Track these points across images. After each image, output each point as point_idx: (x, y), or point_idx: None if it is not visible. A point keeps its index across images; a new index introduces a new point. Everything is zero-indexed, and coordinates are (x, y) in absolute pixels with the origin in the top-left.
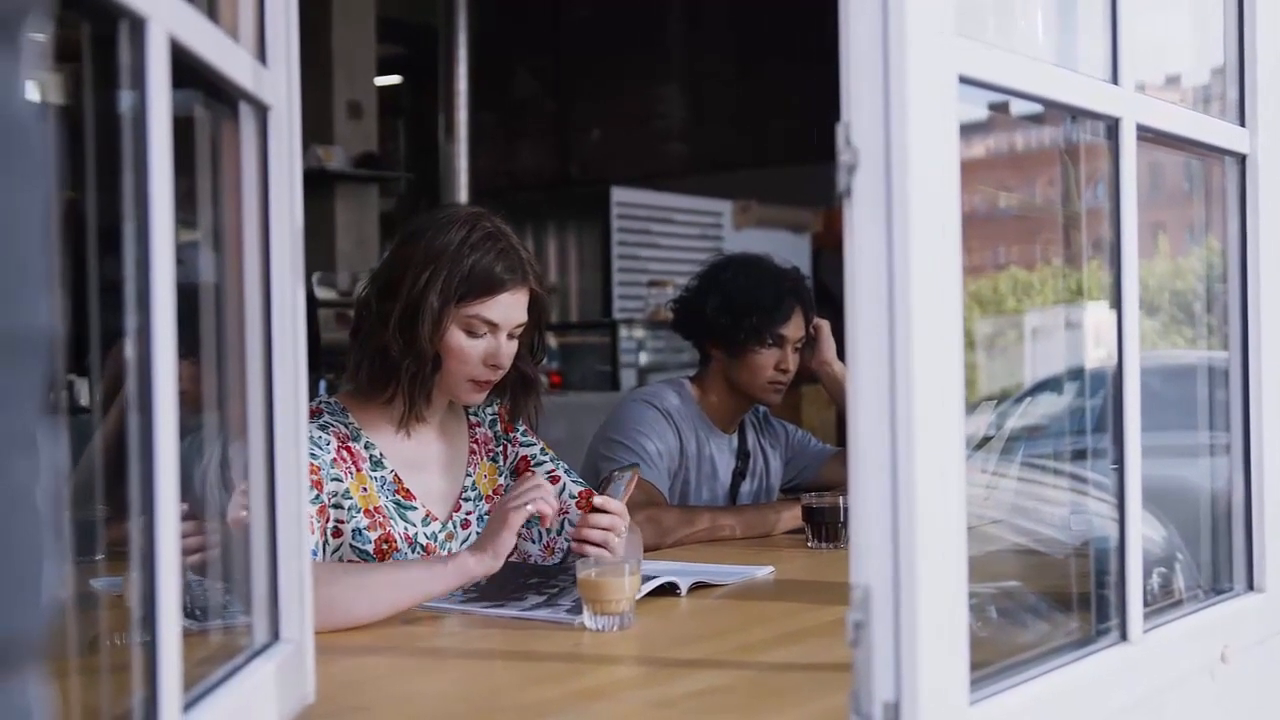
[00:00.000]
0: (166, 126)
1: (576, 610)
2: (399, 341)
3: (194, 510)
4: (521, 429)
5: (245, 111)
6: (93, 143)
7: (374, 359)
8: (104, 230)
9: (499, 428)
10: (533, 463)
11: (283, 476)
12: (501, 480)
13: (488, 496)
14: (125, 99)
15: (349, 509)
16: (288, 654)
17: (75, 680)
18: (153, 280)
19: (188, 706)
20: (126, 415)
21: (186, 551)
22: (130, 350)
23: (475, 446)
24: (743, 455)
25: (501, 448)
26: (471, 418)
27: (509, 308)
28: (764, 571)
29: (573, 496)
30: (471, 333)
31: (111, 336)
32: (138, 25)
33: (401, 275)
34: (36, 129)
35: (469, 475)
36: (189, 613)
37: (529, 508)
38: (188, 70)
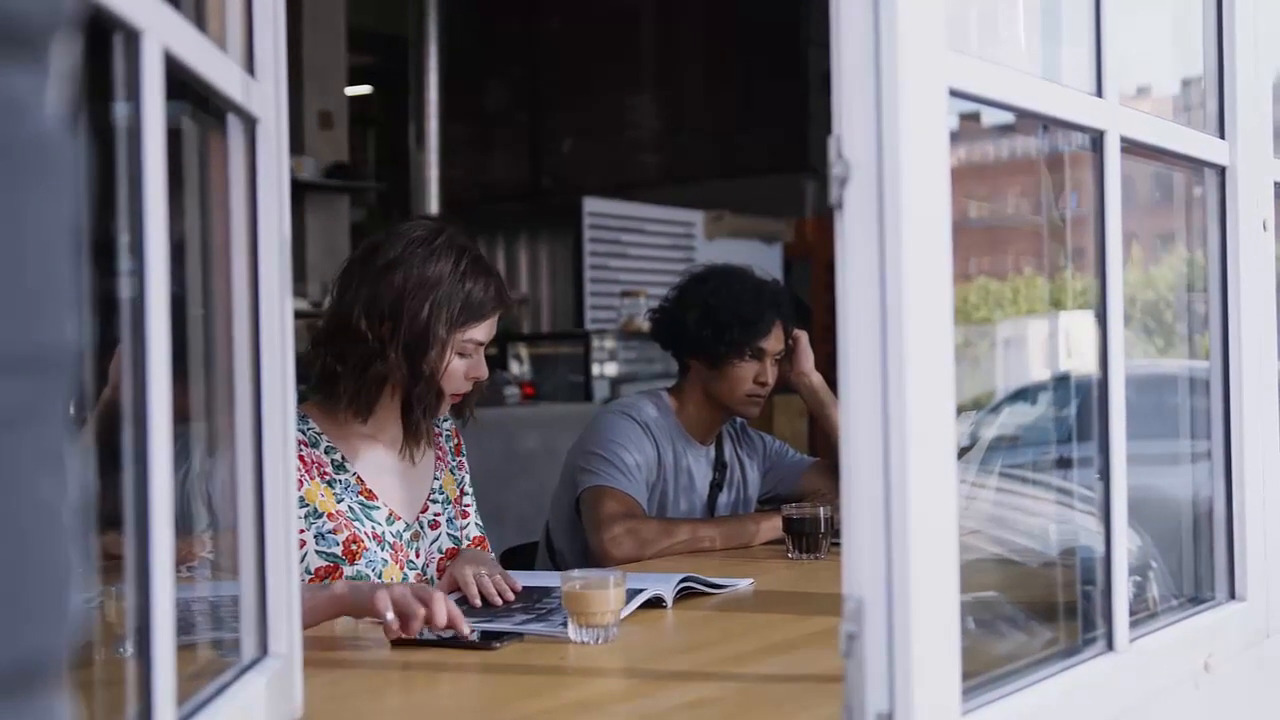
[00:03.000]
0: (161, 138)
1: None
2: (403, 371)
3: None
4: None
5: (233, 123)
6: (84, 153)
7: (375, 385)
8: (93, 242)
9: (451, 445)
10: (465, 489)
11: (271, 491)
12: (457, 490)
13: (454, 501)
14: (119, 110)
15: (306, 516)
16: (277, 669)
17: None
18: (147, 292)
19: None
20: (104, 425)
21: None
22: (120, 362)
23: (440, 453)
24: (720, 467)
25: (457, 462)
26: (433, 426)
27: (493, 326)
28: (745, 584)
29: (468, 539)
30: (462, 354)
31: (99, 348)
32: (132, 37)
33: (396, 304)
34: (65, 144)
35: (436, 479)
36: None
37: (389, 616)
38: (177, 82)
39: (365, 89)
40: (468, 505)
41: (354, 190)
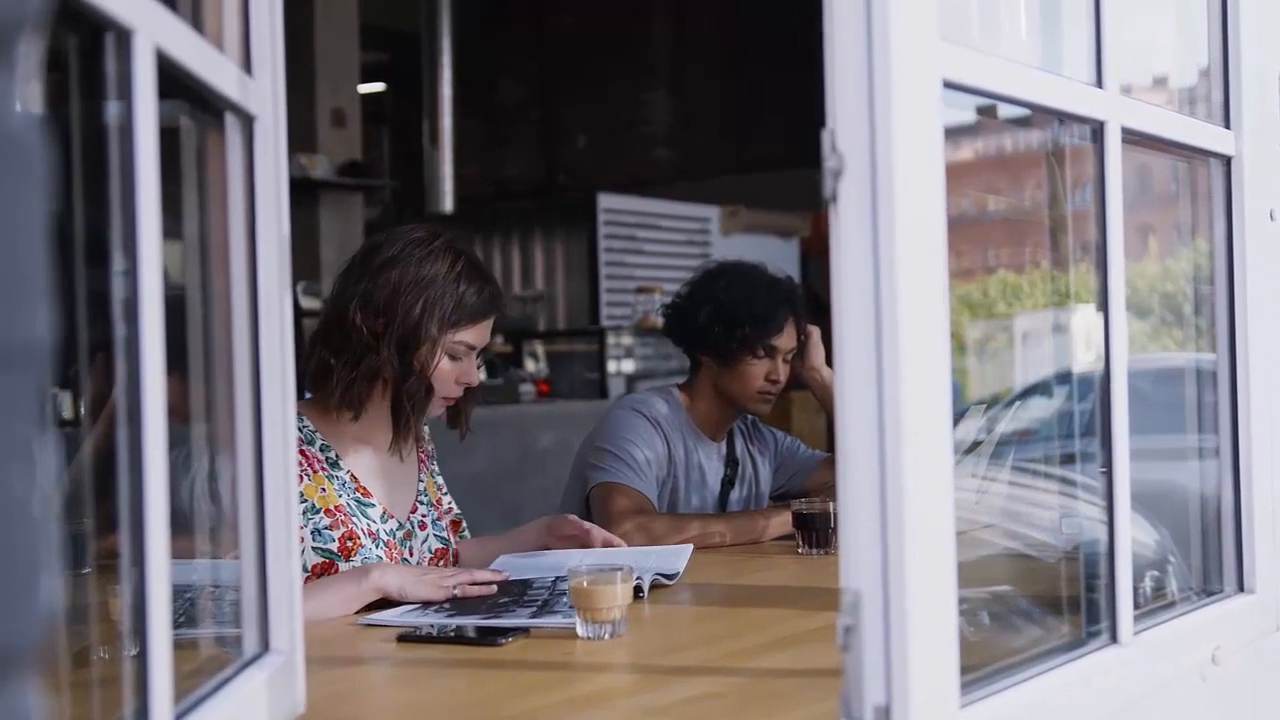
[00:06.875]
0: (153, 137)
1: (571, 615)
2: (394, 367)
3: (181, 524)
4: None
5: (231, 122)
6: (78, 153)
7: (367, 379)
8: (88, 241)
9: (431, 450)
10: (442, 488)
11: (271, 488)
12: (438, 493)
13: (435, 504)
14: (111, 109)
15: (305, 511)
16: (278, 665)
17: (66, 693)
18: (140, 292)
19: (179, 717)
20: (112, 427)
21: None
22: (119, 362)
23: (423, 457)
24: (731, 463)
25: (435, 468)
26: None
27: (487, 331)
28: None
29: (430, 551)
30: (453, 356)
31: (96, 348)
32: (124, 36)
33: (391, 300)
34: (34, 141)
35: (420, 481)
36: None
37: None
38: (172, 80)
39: (378, 86)
40: (448, 499)
41: (368, 188)
